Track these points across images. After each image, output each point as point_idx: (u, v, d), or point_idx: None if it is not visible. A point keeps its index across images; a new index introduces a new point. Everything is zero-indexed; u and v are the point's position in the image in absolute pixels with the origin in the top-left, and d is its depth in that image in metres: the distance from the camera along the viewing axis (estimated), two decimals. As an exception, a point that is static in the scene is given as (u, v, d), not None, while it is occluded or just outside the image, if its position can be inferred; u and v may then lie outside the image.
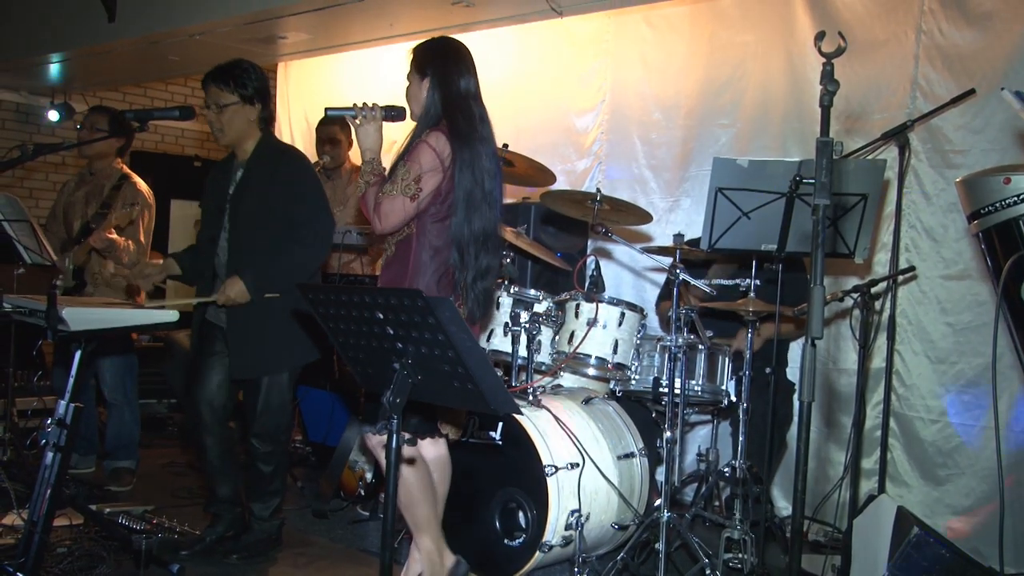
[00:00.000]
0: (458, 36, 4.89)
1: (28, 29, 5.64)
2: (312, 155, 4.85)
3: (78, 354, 2.56)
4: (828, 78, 1.75)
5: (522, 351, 3.19)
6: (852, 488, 3.19)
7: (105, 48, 5.29)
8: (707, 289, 3.10)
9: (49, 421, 2.49)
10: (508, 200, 4.30)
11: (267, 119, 3.12)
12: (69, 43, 5.42)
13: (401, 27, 4.65)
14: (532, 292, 3.33)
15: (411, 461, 2.57)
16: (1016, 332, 2.31)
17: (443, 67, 2.59)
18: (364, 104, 2.60)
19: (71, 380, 2.55)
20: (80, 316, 2.48)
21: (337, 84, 5.62)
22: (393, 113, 2.64)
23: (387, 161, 2.65)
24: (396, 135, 2.85)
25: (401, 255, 2.57)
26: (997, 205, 2.18)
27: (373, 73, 5.41)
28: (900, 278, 3.33)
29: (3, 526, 3.05)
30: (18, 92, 6.66)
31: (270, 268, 2.96)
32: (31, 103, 6.74)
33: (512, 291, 3.28)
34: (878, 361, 3.49)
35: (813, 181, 1.70)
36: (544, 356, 3.31)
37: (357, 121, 2.60)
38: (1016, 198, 2.14)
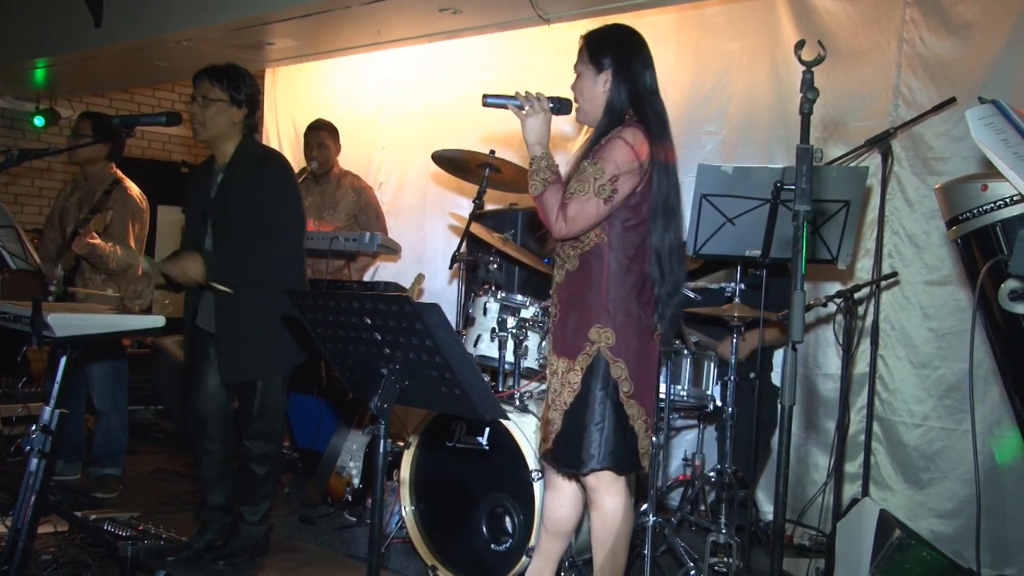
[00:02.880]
0: (444, 43, 4.92)
1: (14, 34, 5.61)
2: (300, 161, 4.85)
3: (63, 360, 2.55)
4: (808, 86, 1.77)
5: (509, 356, 3.21)
6: (836, 492, 3.22)
7: (92, 54, 5.27)
8: (691, 295, 3.12)
9: (34, 427, 2.48)
10: (495, 206, 4.32)
11: (251, 127, 3.11)
12: (56, 48, 5.40)
13: (388, 33, 4.67)
14: (519, 298, 3.33)
15: (623, 508, 2.31)
16: (993, 338, 2.35)
17: (626, 58, 2.33)
18: (528, 93, 2.36)
19: (55, 386, 2.54)
20: (65, 322, 2.47)
21: (325, 90, 5.63)
22: (559, 106, 2.40)
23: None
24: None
25: (585, 268, 2.29)
26: (975, 211, 2.21)
27: (361, 79, 5.42)
28: (883, 284, 3.36)
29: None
30: (3, 97, 6.63)
31: (231, 259, 2.94)
32: (17, 108, 6.72)
33: (499, 297, 3.29)
34: (861, 366, 3.52)
35: (793, 188, 1.72)
36: (531, 361, 3.32)
37: (524, 111, 2.35)
38: (993, 204, 2.17)
